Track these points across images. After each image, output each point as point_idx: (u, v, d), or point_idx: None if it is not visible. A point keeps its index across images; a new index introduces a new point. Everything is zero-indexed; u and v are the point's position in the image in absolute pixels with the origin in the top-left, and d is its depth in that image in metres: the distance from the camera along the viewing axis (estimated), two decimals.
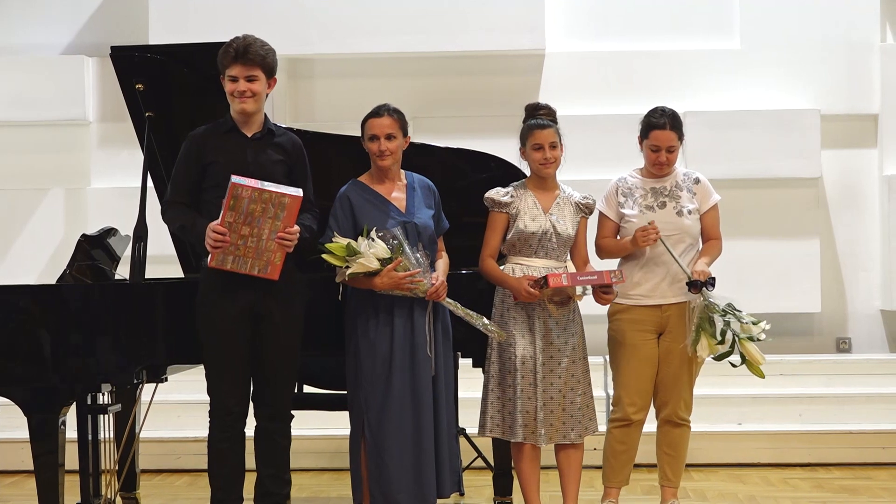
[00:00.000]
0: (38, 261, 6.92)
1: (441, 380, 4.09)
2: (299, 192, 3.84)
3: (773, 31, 6.93)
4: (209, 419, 3.98)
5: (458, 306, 4.07)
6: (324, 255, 3.97)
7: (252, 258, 3.83)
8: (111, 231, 4.83)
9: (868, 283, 6.96)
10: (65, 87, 7.00)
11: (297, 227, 3.85)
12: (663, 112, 4.29)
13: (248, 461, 4.01)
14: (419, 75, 7.05)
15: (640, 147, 4.36)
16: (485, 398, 4.23)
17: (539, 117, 4.22)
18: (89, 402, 4.41)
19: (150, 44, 6.27)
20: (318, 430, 5.66)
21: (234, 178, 3.76)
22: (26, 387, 4.12)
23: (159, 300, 4.20)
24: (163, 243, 4.66)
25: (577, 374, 4.20)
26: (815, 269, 6.77)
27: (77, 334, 4.14)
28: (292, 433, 4.11)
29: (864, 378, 6.36)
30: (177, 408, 6.04)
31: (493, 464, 4.63)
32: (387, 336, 4.03)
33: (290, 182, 3.94)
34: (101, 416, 4.56)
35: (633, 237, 4.23)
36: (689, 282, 4.16)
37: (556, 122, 4.22)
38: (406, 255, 3.98)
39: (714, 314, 4.11)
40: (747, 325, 4.11)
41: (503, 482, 4.58)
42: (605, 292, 4.17)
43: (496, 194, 4.25)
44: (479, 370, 4.35)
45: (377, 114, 4.12)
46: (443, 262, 4.21)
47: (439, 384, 4.08)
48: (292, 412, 4.11)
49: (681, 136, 4.31)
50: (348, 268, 3.96)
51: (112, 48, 4.54)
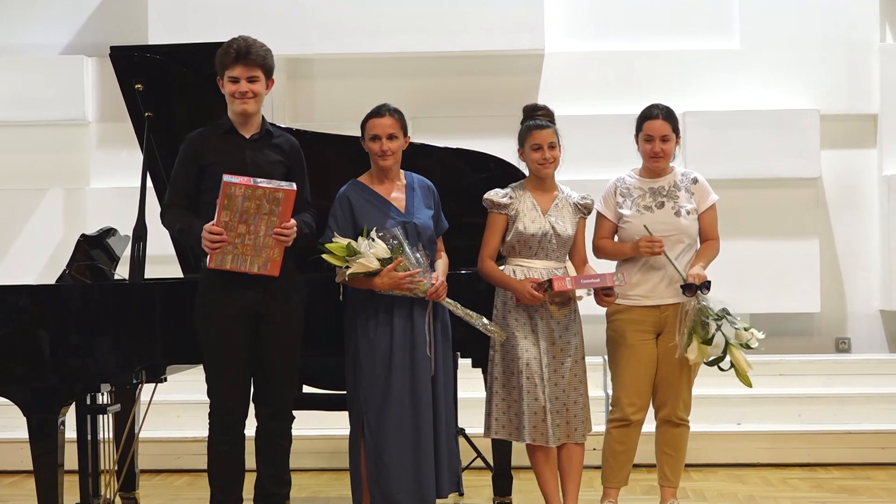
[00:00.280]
0: (37, 261, 6.91)
1: (440, 380, 4.09)
2: (292, 185, 3.84)
3: (772, 31, 6.93)
4: (209, 420, 3.98)
5: (458, 306, 4.07)
6: (324, 255, 3.97)
7: (251, 256, 3.83)
8: (110, 231, 4.83)
9: (867, 284, 6.96)
10: (64, 87, 7.00)
11: (293, 222, 3.85)
12: (657, 105, 4.30)
13: (249, 461, 4.01)
14: (419, 75, 7.05)
15: (637, 145, 4.35)
16: (489, 400, 4.22)
17: (537, 118, 4.22)
18: (89, 402, 4.41)
19: (149, 44, 6.27)
20: (318, 430, 5.66)
21: (226, 178, 3.76)
22: (26, 387, 4.12)
23: (158, 300, 4.20)
24: (162, 243, 4.66)
25: (580, 374, 4.22)
26: (815, 270, 6.77)
27: (76, 334, 4.13)
28: (292, 433, 4.11)
29: (863, 378, 6.36)
30: (176, 408, 6.04)
31: (492, 464, 4.63)
32: (386, 336, 4.03)
33: None
34: (101, 416, 4.56)
35: (634, 243, 4.22)
36: (684, 285, 4.15)
37: (554, 123, 4.22)
38: (406, 255, 3.97)
39: (707, 318, 4.11)
40: (740, 331, 4.11)
41: (502, 482, 4.58)
42: (606, 294, 4.17)
43: (495, 195, 4.25)
44: (478, 370, 4.35)
45: (378, 114, 4.12)
46: (442, 263, 4.21)
47: (439, 384, 4.08)
48: (293, 413, 4.11)
49: (676, 131, 4.29)
50: (348, 268, 3.96)
51: (111, 48, 4.54)
